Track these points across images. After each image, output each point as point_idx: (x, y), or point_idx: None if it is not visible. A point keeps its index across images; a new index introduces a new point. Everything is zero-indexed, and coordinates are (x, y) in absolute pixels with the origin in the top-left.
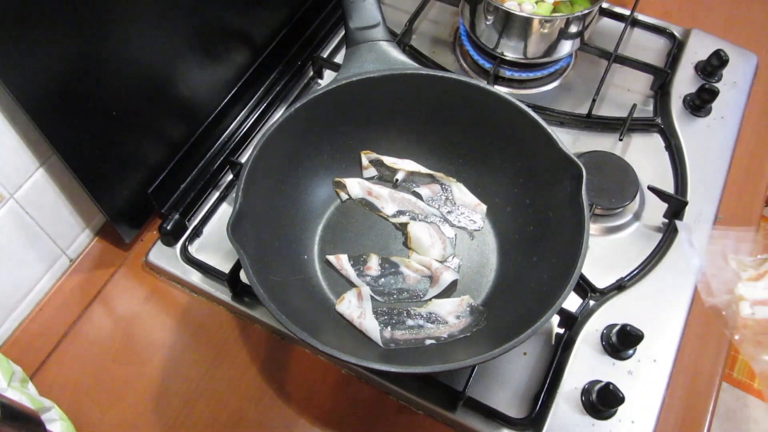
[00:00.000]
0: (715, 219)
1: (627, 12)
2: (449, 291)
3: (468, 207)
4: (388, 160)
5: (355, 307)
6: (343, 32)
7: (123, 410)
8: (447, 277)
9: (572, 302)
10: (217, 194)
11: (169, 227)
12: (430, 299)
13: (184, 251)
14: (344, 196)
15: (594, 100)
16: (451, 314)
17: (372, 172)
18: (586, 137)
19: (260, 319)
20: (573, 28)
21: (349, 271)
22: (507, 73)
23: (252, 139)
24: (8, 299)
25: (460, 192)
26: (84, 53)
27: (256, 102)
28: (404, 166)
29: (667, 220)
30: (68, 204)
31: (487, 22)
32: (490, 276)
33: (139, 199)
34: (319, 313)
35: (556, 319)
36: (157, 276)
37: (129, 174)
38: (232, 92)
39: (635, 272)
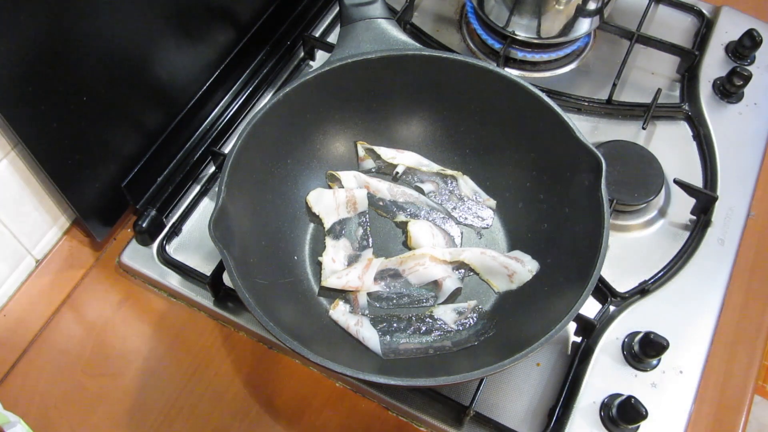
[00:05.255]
0: (747, 216)
1: None
2: (453, 297)
3: (475, 203)
4: (387, 154)
5: (351, 314)
6: (337, 9)
7: (94, 426)
8: (449, 285)
9: (590, 308)
10: (197, 188)
11: (144, 225)
12: (433, 305)
13: (162, 251)
14: None
15: (615, 85)
16: (457, 321)
17: (369, 164)
18: (606, 125)
19: (245, 326)
20: (591, 5)
21: None
22: (519, 54)
23: (236, 128)
24: None
25: (467, 186)
26: (52, 31)
27: (241, 86)
28: (404, 159)
29: (695, 217)
30: (34, 199)
31: None
32: None
33: (112, 194)
34: (310, 320)
35: (572, 326)
36: (131, 278)
37: (101, 166)
38: (215, 75)
39: (660, 275)
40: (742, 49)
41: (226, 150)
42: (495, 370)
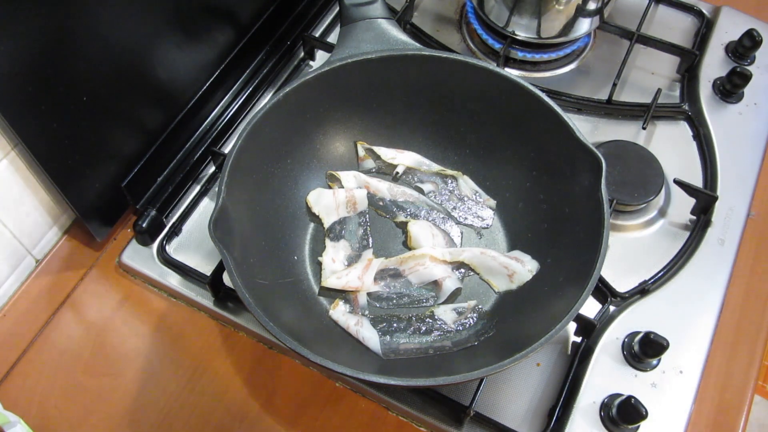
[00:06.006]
0: (747, 216)
1: None
2: (453, 297)
3: (475, 203)
4: (387, 155)
5: (351, 314)
6: (337, 9)
7: (94, 426)
8: (449, 285)
9: (590, 308)
10: (197, 188)
11: (144, 225)
12: (433, 305)
13: (162, 251)
14: None
15: (615, 85)
16: (457, 321)
17: (370, 164)
18: (606, 125)
19: (245, 326)
20: (591, 4)
21: None
22: (519, 54)
23: (236, 128)
24: None
25: (467, 186)
26: (52, 32)
27: (241, 86)
28: (404, 159)
29: (695, 217)
30: (34, 199)
31: None
32: None
33: (112, 194)
34: (310, 320)
35: (572, 326)
36: (131, 278)
37: (101, 166)
38: (215, 75)
39: (660, 274)
40: (742, 49)
41: (226, 150)
42: (495, 370)
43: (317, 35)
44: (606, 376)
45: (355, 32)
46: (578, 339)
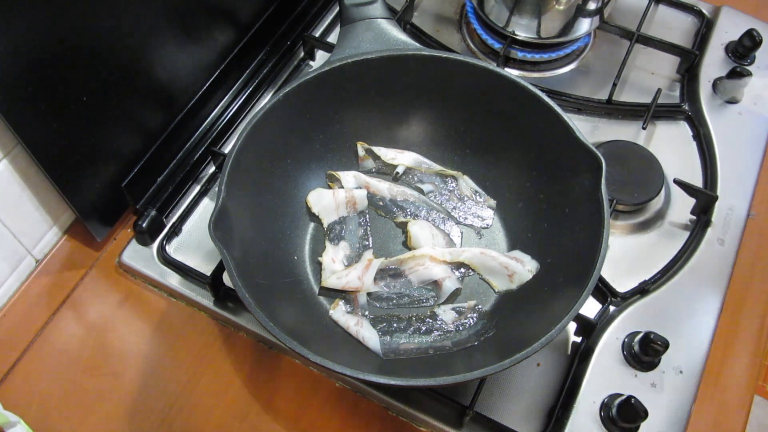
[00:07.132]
0: (747, 216)
1: None
2: (453, 297)
3: (475, 203)
4: (387, 155)
5: (351, 314)
6: (337, 9)
7: (94, 426)
8: (449, 285)
9: (590, 308)
10: (197, 188)
11: (144, 225)
12: (433, 305)
13: (162, 251)
14: None
15: (615, 85)
16: (457, 321)
17: (370, 164)
18: (606, 125)
19: (245, 326)
20: (591, 4)
21: None
22: (518, 54)
23: (236, 128)
24: None
25: (467, 186)
26: (52, 32)
27: (241, 86)
28: (404, 159)
29: (695, 217)
30: (34, 199)
31: None
32: None
33: (112, 194)
34: (310, 320)
35: (572, 326)
36: (131, 278)
37: (101, 166)
38: (215, 75)
39: (660, 275)
40: (742, 48)
41: (226, 150)
42: (495, 370)
43: (317, 35)
44: (606, 376)
45: (355, 32)
46: (578, 339)
